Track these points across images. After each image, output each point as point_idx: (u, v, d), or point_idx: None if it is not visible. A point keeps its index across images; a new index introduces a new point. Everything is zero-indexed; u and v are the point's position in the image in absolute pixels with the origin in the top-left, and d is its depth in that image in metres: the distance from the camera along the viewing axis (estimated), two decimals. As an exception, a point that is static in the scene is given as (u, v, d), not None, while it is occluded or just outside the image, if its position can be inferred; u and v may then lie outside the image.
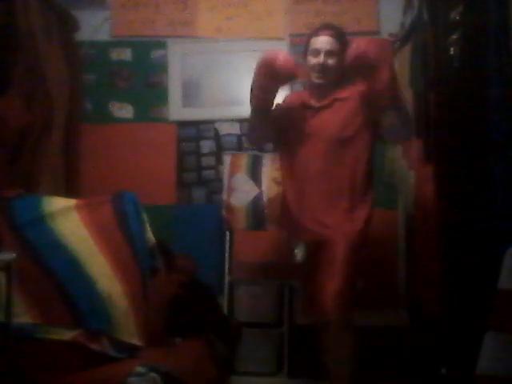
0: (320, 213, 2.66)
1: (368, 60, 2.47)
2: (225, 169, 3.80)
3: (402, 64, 3.38)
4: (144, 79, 3.98)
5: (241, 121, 3.90)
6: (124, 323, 2.46)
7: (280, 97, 2.83)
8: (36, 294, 2.42)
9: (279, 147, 2.92)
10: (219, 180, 3.84)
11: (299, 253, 2.72)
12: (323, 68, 2.67)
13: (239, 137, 3.91)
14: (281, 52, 2.73)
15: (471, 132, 2.34)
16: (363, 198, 2.68)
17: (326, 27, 2.75)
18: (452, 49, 2.46)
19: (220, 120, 3.92)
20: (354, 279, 2.62)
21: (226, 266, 3.64)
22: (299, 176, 2.73)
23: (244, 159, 3.78)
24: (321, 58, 2.67)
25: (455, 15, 2.44)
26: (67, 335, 2.38)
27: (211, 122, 3.93)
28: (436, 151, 2.67)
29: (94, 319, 2.42)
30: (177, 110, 3.94)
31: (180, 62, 3.95)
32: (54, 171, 3.38)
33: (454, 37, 2.44)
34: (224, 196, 3.74)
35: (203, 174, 3.92)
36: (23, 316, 2.36)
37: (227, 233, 3.70)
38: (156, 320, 2.72)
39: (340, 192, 2.66)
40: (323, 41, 2.69)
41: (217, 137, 3.92)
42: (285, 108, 2.82)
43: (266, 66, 2.60)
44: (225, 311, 3.55)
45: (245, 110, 3.84)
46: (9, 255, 2.21)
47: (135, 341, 2.45)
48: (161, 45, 3.96)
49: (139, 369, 2.23)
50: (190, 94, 3.94)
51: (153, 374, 2.22)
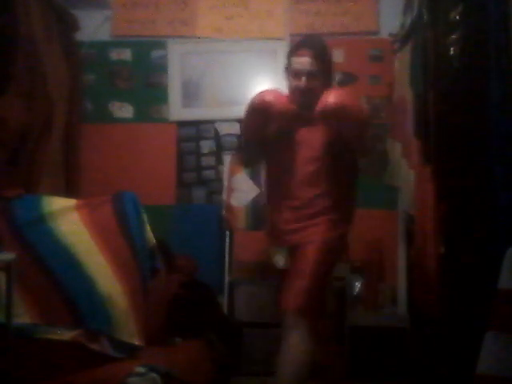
0: (295, 220, 2.66)
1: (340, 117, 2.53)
2: (225, 169, 3.80)
3: (402, 64, 3.38)
4: (144, 79, 3.98)
5: (241, 121, 3.89)
6: (124, 323, 2.46)
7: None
8: (36, 294, 2.42)
9: (266, 154, 2.88)
10: (219, 180, 3.85)
11: (280, 259, 2.74)
12: (304, 91, 2.59)
13: (239, 137, 3.91)
14: (272, 94, 2.67)
15: (471, 132, 2.34)
16: (341, 207, 2.68)
17: (306, 45, 2.64)
18: (452, 49, 2.46)
19: (220, 120, 3.92)
20: (321, 286, 2.63)
21: (226, 266, 3.64)
22: (280, 185, 2.74)
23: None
24: (302, 81, 2.58)
25: (455, 15, 2.44)
26: (67, 335, 2.38)
27: (211, 122, 3.93)
28: (436, 151, 2.67)
29: (94, 319, 2.42)
30: (177, 110, 3.94)
31: (180, 62, 3.95)
32: (54, 171, 3.38)
33: (454, 37, 2.45)
34: (224, 196, 3.74)
35: (203, 174, 3.92)
36: (23, 316, 2.36)
37: (227, 233, 3.70)
38: (156, 320, 2.72)
39: (317, 200, 2.65)
40: (304, 62, 2.58)
41: (217, 137, 3.92)
42: (270, 113, 2.68)
43: (261, 111, 2.64)
44: (225, 311, 3.55)
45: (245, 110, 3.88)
46: (9, 255, 2.21)
47: (135, 341, 2.45)
48: (161, 45, 3.96)
49: (139, 369, 2.23)
50: (190, 94, 3.95)
51: (153, 374, 2.22)
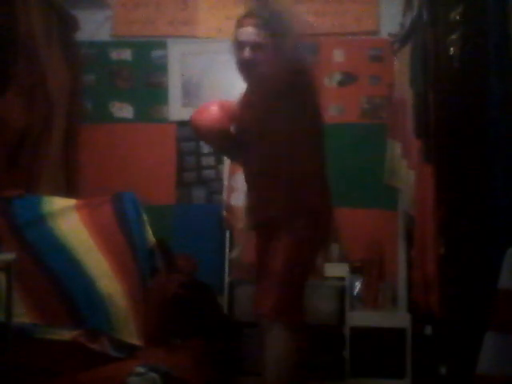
0: (263, 212, 2.48)
1: None
2: (225, 169, 3.80)
3: (402, 64, 3.38)
4: (144, 79, 3.98)
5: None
6: (124, 323, 2.46)
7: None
8: (36, 294, 2.42)
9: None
10: (219, 180, 3.85)
11: (234, 252, 2.67)
12: (248, 64, 2.33)
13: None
14: (203, 114, 2.48)
15: (471, 132, 2.34)
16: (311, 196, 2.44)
17: (251, 15, 2.35)
18: (452, 49, 2.46)
19: (220, 120, 3.92)
20: (293, 284, 2.42)
21: (226, 266, 3.64)
22: (246, 177, 2.59)
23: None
24: (245, 53, 2.31)
25: (455, 15, 2.44)
26: (67, 335, 2.38)
27: (211, 122, 3.93)
28: (436, 151, 2.67)
29: (94, 319, 2.43)
30: (177, 110, 3.94)
31: (180, 62, 3.95)
32: (54, 171, 3.38)
33: (454, 37, 2.44)
34: (224, 196, 3.74)
35: (203, 174, 3.92)
36: (23, 316, 2.36)
37: (227, 233, 3.70)
38: (156, 320, 2.72)
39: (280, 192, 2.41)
40: (246, 32, 2.32)
41: (217, 137, 3.92)
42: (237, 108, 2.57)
43: (196, 133, 2.52)
44: (225, 311, 3.54)
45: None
46: (9, 255, 2.21)
47: (135, 341, 2.45)
48: (161, 45, 3.96)
49: (139, 369, 2.23)
50: (190, 94, 3.94)
51: (153, 374, 2.22)
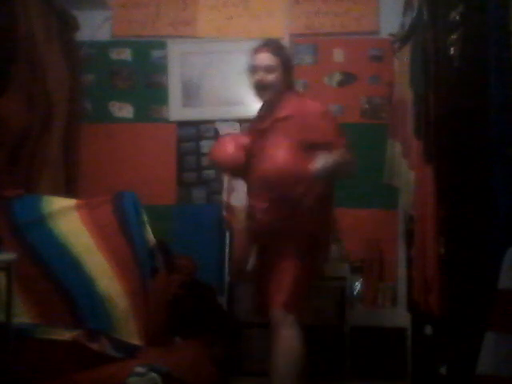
0: (265, 219, 2.67)
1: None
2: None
3: (402, 64, 3.38)
4: (144, 79, 3.98)
5: (241, 121, 3.90)
6: (124, 323, 2.46)
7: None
8: (36, 294, 2.42)
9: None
10: (219, 180, 3.85)
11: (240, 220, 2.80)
12: (262, 84, 2.72)
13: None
14: (220, 151, 2.87)
15: (471, 132, 2.34)
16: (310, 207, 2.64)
17: (263, 45, 2.80)
18: (452, 49, 2.46)
19: (220, 120, 3.92)
20: (301, 281, 2.63)
21: (226, 266, 3.64)
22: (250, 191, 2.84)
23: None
24: (259, 75, 2.73)
25: (455, 15, 2.44)
26: (67, 335, 2.38)
27: (211, 122, 3.93)
28: (436, 151, 2.67)
29: (94, 319, 2.42)
30: (177, 110, 3.94)
31: (180, 62, 3.95)
32: (54, 171, 3.38)
33: (454, 37, 2.44)
34: (224, 196, 3.74)
35: (203, 174, 3.92)
36: (23, 316, 2.36)
37: (227, 233, 3.70)
38: (156, 320, 2.72)
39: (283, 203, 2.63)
40: (261, 57, 2.75)
41: (217, 137, 3.92)
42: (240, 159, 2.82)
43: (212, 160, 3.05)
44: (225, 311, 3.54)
45: (245, 110, 3.88)
46: (9, 255, 2.21)
47: (135, 341, 2.45)
48: (161, 45, 3.96)
49: (139, 369, 2.23)
50: (190, 94, 3.95)
51: (153, 374, 2.22)
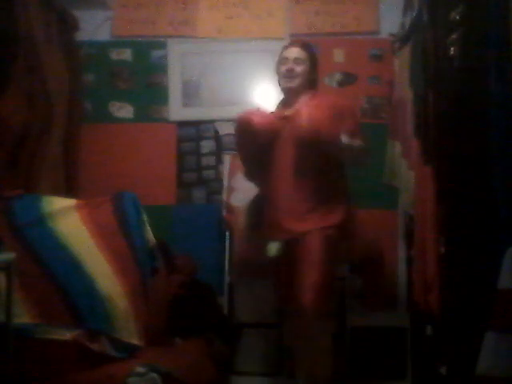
0: (294, 211, 2.82)
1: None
2: (225, 169, 3.80)
3: (402, 64, 3.38)
4: (144, 79, 3.98)
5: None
6: (124, 323, 2.46)
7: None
8: (36, 294, 2.42)
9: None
10: (219, 180, 3.85)
11: (273, 249, 2.82)
12: (291, 72, 2.93)
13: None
14: (256, 112, 2.98)
15: (471, 132, 2.34)
16: (337, 196, 2.85)
17: (295, 40, 3.13)
18: (452, 49, 2.46)
19: (220, 120, 3.92)
20: (331, 272, 2.78)
21: (226, 266, 3.64)
22: (275, 179, 2.90)
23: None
24: (288, 64, 2.94)
25: (455, 15, 2.44)
26: (67, 335, 2.38)
27: (211, 122, 3.93)
28: (436, 152, 2.67)
29: (94, 319, 2.42)
30: (177, 110, 3.94)
31: (180, 62, 3.95)
32: (54, 171, 3.38)
33: (454, 37, 2.44)
34: (224, 196, 3.74)
35: (203, 174, 3.92)
36: (23, 316, 2.36)
37: (227, 233, 3.70)
38: (156, 320, 2.72)
39: (310, 192, 2.82)
40: (291, 50, 2.99)
41: (217, 137, 3.92)
42: (252, 132, 2.92)
43: (243, 127, 2.93)
44: (225, 311, 3.55)
45: (245, 110, 3.88)
46: (9, 255, 2.21)
47: (135, 341, 2.45)
48: (161, 45, 3.96)
49: (139, 369, 2.23)
50: (190, 94, 3.94)
51: (153, 374, 2.22)
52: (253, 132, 2.86)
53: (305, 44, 3.05)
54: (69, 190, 3.44)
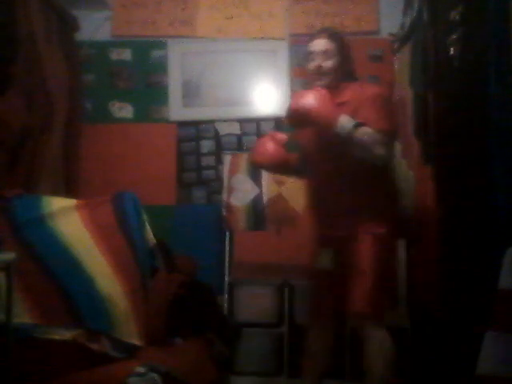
0: (343, 217, 2.63)
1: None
2: (225, 169, 3.80)
3: (402, 64, 3.39)
4: (144, 79, 3.98)
5: (241, 121, 3.90)
6: (124, 323, 2.45)
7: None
8: (36, 294, 2.42)
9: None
10: (219, 180, 3.85)
11: (325, 260, 2.72)
12: (319, 70, 2.65)
13: (239, 137, 3.91)
14: (261, 151, 2.82)
15: (471, 132, 2.34)
16: (386, 201, 2.64)
17: (321, 31, 2.76)
18: (452, 49, 2.46)
19: (220, 120, 3.92)
20: (384, 280, 2.60)
21: (226, 266, 3.64)
22: (319, 181, 2.72)
23: (244, 159, 3.78)
24: (316, 60, 2.66)
25: (455, 15, 2.44)
26: (67, 335, 2.37)
27: (211, 122, 3.93)
28: (435, 152, 2.67)
29: (94, 319, 2.42)
30: (177, 110, 3.95)
31: (180, 62, 3.95)
32: (54, 171, 3.38)
33: (454, 37, 2.44)
34: (224, 196, 3.74)
35: (203, 174, 3.92)
36: (23, 316, 2.35)
37: (227, 233, 3.70)
38: (156, 320, 2.72)
39: (353, 195, 2.61)
40: (317, 43, 2.68)
41: (217, 137, 3.93)
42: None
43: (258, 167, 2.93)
44: (225, 311, 3.55)
45: (245, 110, 3.88)
46: (9, 255, 2.20)
47: (135, 341, 2.45)
48: (161, 45, 3.96)
49: (139, 369, 2.23)
50: (190, 94, 3.95)
51: (153, 374, 2.22)
52: (261, 166, 2.90)
53: (333, 33, 2.72)
54: (69, 190, 3.44)
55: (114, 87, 3.98)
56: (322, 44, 2.66)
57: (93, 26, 3.87)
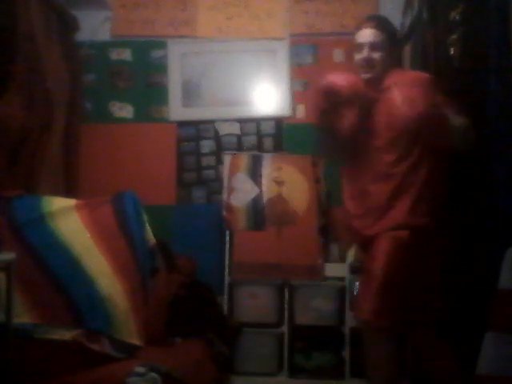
0: (371, 211, 2.46)
1: None
2: (225, 169, 3.79)
3: (402, 64, 3.38)
4: (144, 79, 3.98)
5: (241, 121, 3.90)
6: (124, 323, 2.46)
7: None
8: (36, 294, 2.42)
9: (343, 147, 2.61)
10: (219, 180, 3.84)
11: (349, 254, 2.65)
12: (368, 62, 2.50)
13: (239, 137, 3.91)
14: (338, 76, 2.53)
15: (471, 132, 2.34)
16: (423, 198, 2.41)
17: (369, 19, 2.59)
18: (452, 49, 2.46)
19: (220, 120, 3.92)
20: (394, 285, 2.38)
21: (226, 266, 3.64)
22: (357, 175, 2.54)
23: (244, 159, 3.78)
24: (364, 52, 2.51)
25: (455, 15, 2.44)
26: (67, 335, 2.37)
27: (211, 122, 3.93)
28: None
29: (94, 319, 2.42)
30: (177, 110, 3.94)
31: (180, 62, 3.95)
32: (54, 171, 3.38)
33: (454, 37, 2.44)
34: (224, 196, 3.74)
35: (203, 174, 3.92)
36: (23, 316, 2.36)
37: (227, 233, 3.70)
38: (156, 320, 2.72)
39: (397, 191, 2.41)
40: (366, 34, 2.52)
41: (217, 137, 3.92)
42: (340, 97, 2.47)
43: (325, 92, 2.48)
44: (225, 311, 3.55)
45: (245, 110, 3.88)
46: (9, 255, 2.20)
47: (135, 341, 2.45)
48: (161, 45, 3.96)
49: (139, 369, 2.23)
50: (190, 94, 3.94)
51: (153, 374, 2.21)
52: (340, 91, 2.42)
53: (380, 22, 2.55)
54: (69, 190, 3.44)
55: (114, 87, 3.98)
56: (370, 34, 2.51)
57: (93, 26, 3.87)
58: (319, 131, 2.66)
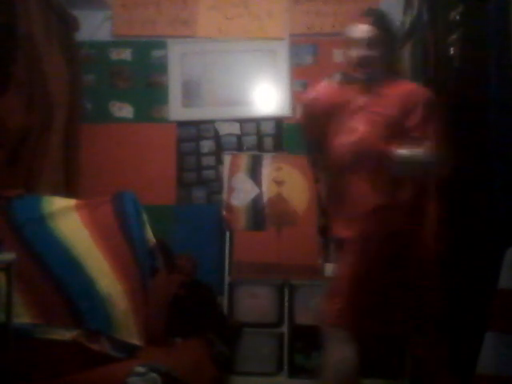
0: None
1: None
2: (225, 169, 3.79)
3: (402, 64, 3.38)
4: (144, 79, 3.98)
5: (241, 121, 3.90)
6: (124, 323, 2.46)
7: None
8: (36, 294, 2.42)
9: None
10: (219, 180, 3.84)
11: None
12: (363, 61, 2.27)
13: (239, 137, 3.91)
14: (316, 88, 2.39)
15: (471, 132, 2.34)
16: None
17: (365, 14, 2.38)
18: (452, 49, 2.46)
19: (220, 120, 3.92)
20: (357, 292, 2.25)
21: (226, 266, 3.64)
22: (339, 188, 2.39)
23: (244, 159, 3.78)
24: (359, 50, 2.28)
25: (455, 15, 2.44)
26: (67, 335, 2.37)
27: (211, 122, 3.93)
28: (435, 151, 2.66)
29: (94, 319, 2.42)
30: (177, 110, 3.94)
31: (180, 62, 3.95)
32: (54, 171, 3.38)
33: (454, 37, 2.44)
34: (224, 196, 3.74)
35: (203, 174, 3.92)
36: (23, 316, 2.35)
37: (227, 233, 3.70)
38: (156, 320, 2.72)
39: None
40: (360, 29, 2.30)
41: (217, 137, 3.92)
42: (326, 106, 2.36)
43: (304, 105, 2.44)
44: (225, 311, 3.55)
45: (245, 110, 3.88)
46: (9, 255, 2.20)
47: (135, 341, 2.45)
48: (161, 45, 3.96)
49: (139, 369, 2.23)
50: (190, 94, 3.95)
51: (153, 374, 2.22)
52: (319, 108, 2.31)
53: (377, 18, 2.34)
54: (69, 190, 3.44)
55: (114, 87, 3.98)
56: (366, 30, 2.28)
57: (93, 26, 3.87)
58: (305, 144, 2.62)
